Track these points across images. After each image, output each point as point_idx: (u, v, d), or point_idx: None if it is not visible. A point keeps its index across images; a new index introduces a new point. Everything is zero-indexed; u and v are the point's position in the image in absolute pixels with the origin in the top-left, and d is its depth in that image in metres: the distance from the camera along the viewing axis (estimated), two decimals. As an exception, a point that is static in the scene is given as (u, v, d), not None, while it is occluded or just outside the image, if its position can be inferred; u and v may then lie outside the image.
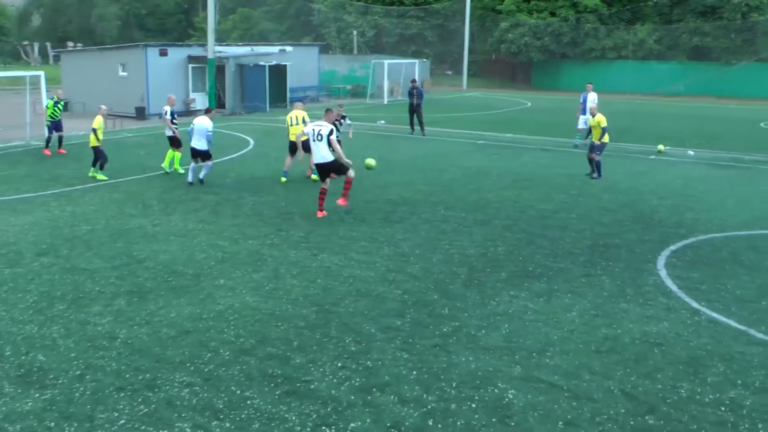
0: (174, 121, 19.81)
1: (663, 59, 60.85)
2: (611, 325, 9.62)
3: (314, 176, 18.58)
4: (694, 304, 10.52)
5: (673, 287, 11.20)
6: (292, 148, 18.55)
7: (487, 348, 8.74)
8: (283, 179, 18.82)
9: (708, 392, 7.84)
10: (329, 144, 14.67)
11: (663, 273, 11.90)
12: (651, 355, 8.71)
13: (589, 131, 21.30)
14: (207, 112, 18.70)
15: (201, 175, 18.28)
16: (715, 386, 8.00)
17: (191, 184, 18.19)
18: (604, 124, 19.79)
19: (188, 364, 8.11)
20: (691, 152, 25.68)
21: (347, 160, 14.89)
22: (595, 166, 20.04)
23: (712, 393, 7.83)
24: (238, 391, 7.52)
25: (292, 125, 18.86)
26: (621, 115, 37.66)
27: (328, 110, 15.60)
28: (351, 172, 14.99)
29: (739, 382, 8.14)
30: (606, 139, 19.91)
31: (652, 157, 24.64)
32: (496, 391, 7.67)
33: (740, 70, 56.39)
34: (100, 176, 18.76)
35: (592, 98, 26.26)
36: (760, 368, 8.51)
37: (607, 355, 8.66)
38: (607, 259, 12.57)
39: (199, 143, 17.97)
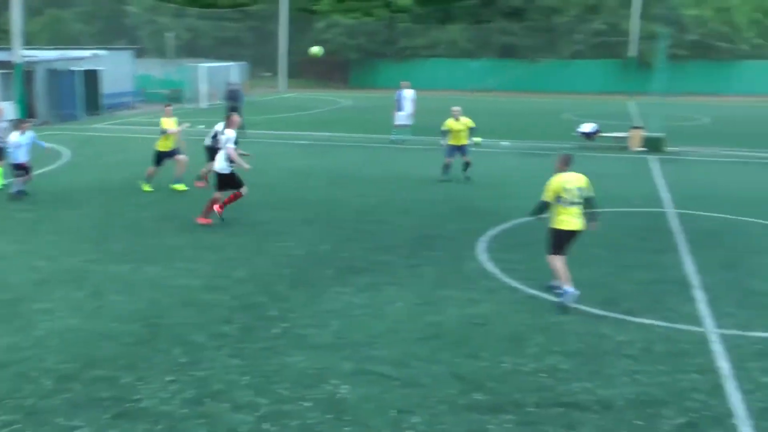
0: None
1: (474, 57, 63.35)
2: (436, 311, 9.98)
3: (177, 186, 18.01)
4: (513, 284, 11.13)
5: (493, 270, 11.80)
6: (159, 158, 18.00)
7: (317, 346, 8.83)
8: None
9: (529, 362, 8.38)
10: (228, 154, 14.37)
11: (483, 257, 12.48)
12: (475, 336, 9.14)
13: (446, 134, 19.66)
14: (18, 125, 17.65)
15: (14, 190, 17.28)
16: (535, 356, 8.56)
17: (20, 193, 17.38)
18: (472, 124, 19.47)
19: (6, 401, 7.54)
20: (505, 143, 26.99)
21: (246, 166, 14.63)
22: (467, 165, 19.44)
23: (532, 362, 8.38)
24: (64, 422, 7.11)
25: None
26: (436, 111, 38.74)
27: (228, 116, 15.05)
28: (244, 189, 14.73)
29: (555, 349, 8.77)
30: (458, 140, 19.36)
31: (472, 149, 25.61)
32: (329, 387, 7.76)
33: (544, 67, 59.81)
34: None
35: (409, 95, 27.03)
36: (572, 334, 9.24)
37: (434, 341, 8.99)
38: (429, 249, 13.02)
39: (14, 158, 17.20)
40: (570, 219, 10.22)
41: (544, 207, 10.41)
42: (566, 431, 6.96)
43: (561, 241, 10.31)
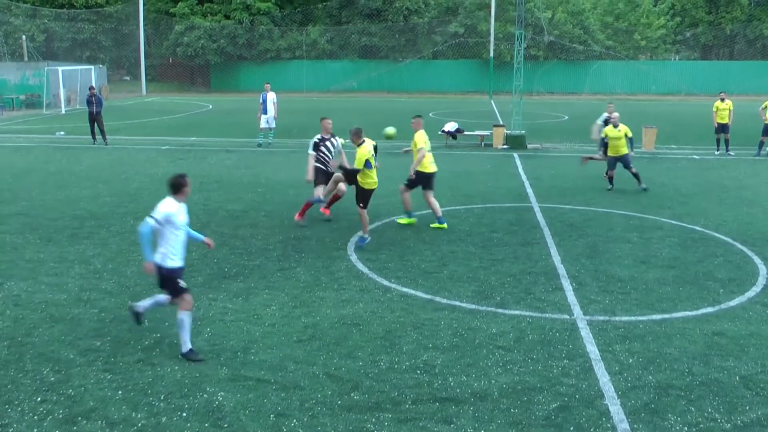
0: None
1: (336, 58, 63.59)
2: (310, 313, 9.87)
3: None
4: (385, 282, 11.15)
5: (365, 269, 11.78)
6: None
7: (192, 354, 8.57)
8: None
9: (404, 360, 8.40)
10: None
11: (354, 258, 12.46)
12: (350, 336, 9.08)
13: (605, 146, 18.77)
14: None
15: None
16: (410, 353, 8.59)
17: None
18: (630, 134, 18.41)
19: None
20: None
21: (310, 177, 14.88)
22: (636, 177, 18.62)
23: (408, 360, 8.40)
24: None
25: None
26: (300, 112, 38.90)
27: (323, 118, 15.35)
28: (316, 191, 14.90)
29: (430, 345, 8.84)
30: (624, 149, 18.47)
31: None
32: (205, 396, 7.54)
33: (406, 66, 60.72)
34: None
35: (272, 98, 26.76)
36: (446, 329, 9.34)
37: (309, 343, 8.88)
38: (300, 251, 12.89)
39: None
40: (374, 179, 13.21)
41: (358, 172, 12.99)
42: (444, 425, 7.01)
43: (367, 197, 13.21)
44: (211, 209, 16.25)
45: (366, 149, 13.04)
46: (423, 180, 14.56)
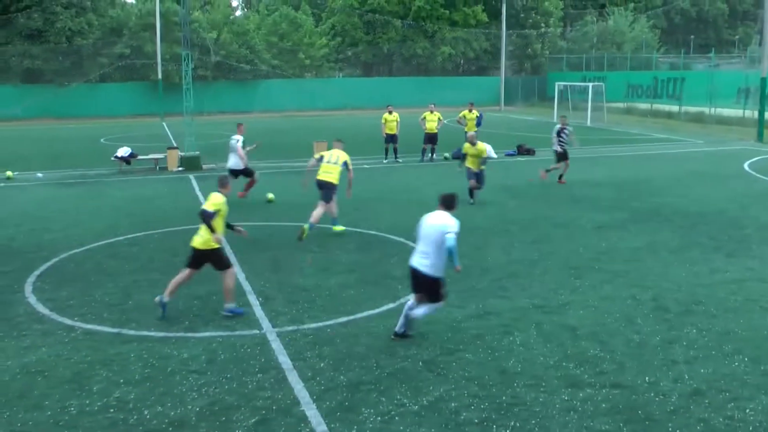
0: None
1: (-5, 83, 58.77)
2: (-13, 366, 9.13)
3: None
4: (68, 322, 10.62)
5: (45, 311, 11.11)
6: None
7: None
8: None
9: (96, 400, 8.10)
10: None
11: (32, 300, 11.68)
12: (35, 385, 8.54)
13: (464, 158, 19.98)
14: None
15: None
16: (101, 392, 8.31)
17: None
18: (485, 154, 19.93)
19: None
20: (39, 174, 25.50)
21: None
22: (472, 192, 19.66)
23: (99, 399, 8.12)
24: None
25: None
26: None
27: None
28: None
29: (122, 380, 8.62)
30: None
31: (1, 184, 23.79)
32: None
33: (74, 90, 57.63)
34: None
35: None
36: (137, 361, 9.17)
37: (-7, 399, 8.21)
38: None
39: None
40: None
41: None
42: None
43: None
44: None
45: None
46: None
